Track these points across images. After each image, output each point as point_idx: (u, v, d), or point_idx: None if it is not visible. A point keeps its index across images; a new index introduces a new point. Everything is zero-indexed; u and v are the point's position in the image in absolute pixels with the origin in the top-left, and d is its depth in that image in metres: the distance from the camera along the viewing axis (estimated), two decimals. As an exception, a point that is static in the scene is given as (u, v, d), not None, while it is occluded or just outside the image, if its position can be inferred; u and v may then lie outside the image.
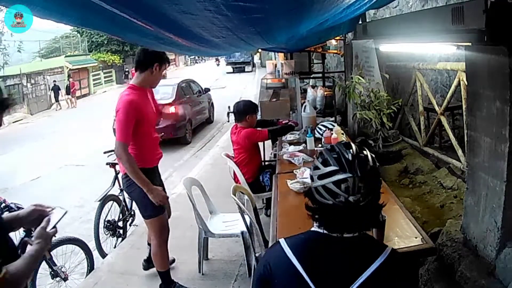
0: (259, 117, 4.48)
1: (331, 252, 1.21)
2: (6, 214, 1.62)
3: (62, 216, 1.75)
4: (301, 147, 3.91)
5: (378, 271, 1.16)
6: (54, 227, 1.61)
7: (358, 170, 1.16)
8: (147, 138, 2.87)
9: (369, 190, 1.17)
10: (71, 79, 19.88)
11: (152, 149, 2.93)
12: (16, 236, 2.95)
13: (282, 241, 1.25)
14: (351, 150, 1.22)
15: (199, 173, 6.19)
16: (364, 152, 1.24)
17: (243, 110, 3.91)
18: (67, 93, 18.85)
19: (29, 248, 1.47)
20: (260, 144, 4.24)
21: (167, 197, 2.90)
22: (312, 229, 1.28)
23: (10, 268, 1.31)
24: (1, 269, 1.27)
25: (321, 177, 1.20)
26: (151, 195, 2.70)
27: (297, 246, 1.22)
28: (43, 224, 1.56)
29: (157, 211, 2.83)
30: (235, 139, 3.94)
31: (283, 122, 4.28)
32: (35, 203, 1.67)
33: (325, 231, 1.22)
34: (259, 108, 4.17)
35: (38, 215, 1.62)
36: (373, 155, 1.26)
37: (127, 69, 27.19)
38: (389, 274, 1.18)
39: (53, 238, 1.62)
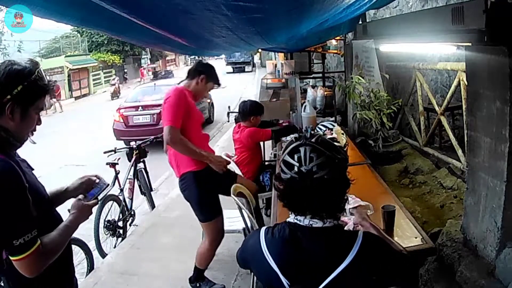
0: None
1: (304, 246, 1.23)
2: (51, 189, 1.65)
3: (104, 189, 1.73)
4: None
5: (354, 260, 1.18)
6: (96, 198, 1.64)
7: (309, 140, 1.23)
8: (195, 135, 2.83)
9: (324, 162, 1.20)
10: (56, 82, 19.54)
11: (202, 147, 2.85)
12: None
13: (262, 234, 1.30)
14: (312, 130, 1.31)
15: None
16: (326, 133, 1.34)
17: (249, 111, 3.90)
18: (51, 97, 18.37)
19: (65, 219, 1.51)
20: (261, 144, 4.23)
21: (228, 162, 3.02)
22: (288, 219, 1.31)
23: (44, 240, 1.35)
24: (36, 240, 1.32)
25: (283, 152, 1.28)
26: (213, 165, 2.77)
27: (271, 239, 1.27)
28: (80, 196, 1.60)
29: (214, 214, 2.87)
30: (238, 138, 3.94)
31: (283, 123, 4.28)
32: (82, 176, 1.71)
33: (296, 220, 1.26)
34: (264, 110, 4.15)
35: (85, 188, 1.65)
36: (335, 137, 1.36)
37: (125, 70, 27.19)
38: (367, 259, 1.20)
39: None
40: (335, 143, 1.31)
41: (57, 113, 16.88)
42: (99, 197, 1.67)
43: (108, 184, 1.79)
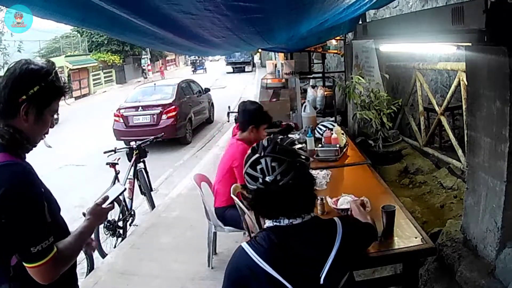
0: None
1: (292, 244, 1.26)
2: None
3: (120, 193, 1.75)
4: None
5: (342, 244, 1.27)
6: (111, 203, 1.61)
7: (268, 151, 1.26)
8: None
9: (287, 169, 1.24)
10: None
11: None
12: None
13: (245, 247, 1.29)
14: (270, 139, 1.32)
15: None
16: (284, 139, 1.34)
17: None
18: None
19: (80, 224, 1.47)
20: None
21: None
22: (266, 226, 1.33)
23: (59, 246, 1.32)
24: (52, 247, 1.28)
25: (244, 165, 1.31)
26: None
27: (260, 249, 1.26)
28: (98, 200, 1.56)
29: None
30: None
31: (285, 124, 4.24)
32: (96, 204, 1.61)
33: (275, 223, 1.29)
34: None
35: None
36: (294, 141, 1.36)
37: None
38: (352, 241, 1.32)
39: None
40: (294, 146, 1.33)
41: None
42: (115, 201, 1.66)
43: (125, 189, 1.73)
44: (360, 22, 4.66)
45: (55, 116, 1.47)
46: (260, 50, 17.59)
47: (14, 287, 1.36)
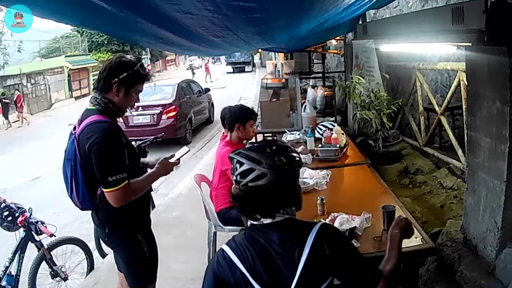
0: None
1: (264, 244, 1.24)
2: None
3: (185, 153, 2.21)
4: (299, 149, 3.90)
5: (313, 249, 1.21)
6: (178, 160, 2.15)
7: (267, 166, 1.26)
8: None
9: (258, 176, 1.25)
10: (17, 92, 15.85)
11: None
12: (16, 236, 2.96)
13: (224, 247, 1.28)
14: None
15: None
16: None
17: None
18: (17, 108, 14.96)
19: (150, 171, 2.07)
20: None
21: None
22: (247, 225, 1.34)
23: (131, 181, 1.86)
24: (125, 179, 1.81)
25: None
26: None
27: (237, 249, 1.26)
28: (167, 155, 2.13)
29: None
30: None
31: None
32: (160, 157, 2.18)
33: (251, 222, 1.29)
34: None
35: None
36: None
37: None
38: (326, 248, 1.22)
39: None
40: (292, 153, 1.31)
41: (20, 128, 14.37)
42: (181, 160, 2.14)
43: (189, 150, 2.28)
44: (360, 22, 4.66)
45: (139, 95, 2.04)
46: (260, 50, 17.59)
47: (98, 212, 1.99)
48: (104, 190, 1.81)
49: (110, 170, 1.78)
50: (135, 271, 2.12)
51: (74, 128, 1.95)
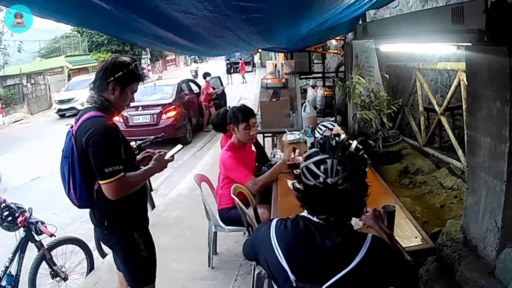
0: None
1: (317, 240, 1.25)
2: None
3: (179, 150, 2.28)
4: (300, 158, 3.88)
5: (362, 262, 1.20)
6: (172, 156, 2.20)
7: (337, 153, 1.23)
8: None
9: (349, 175, 1.22)
10: None
11: None
12: (16, 236, 2.96)
13: (273, 225, 1.34)
14: (337, 138, 1.28)
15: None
16: (351, 141, 1.30)
17: (223, 119, 3.25)
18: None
19: (146, 166, 2.10)
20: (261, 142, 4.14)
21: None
22: (302, 214, 1.34)
23: (127, 174, 1.91)
24: (121, 171, 1.86)
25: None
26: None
27: (282, 233, 1.30)
28: (162, 152, 2.20)
29: None
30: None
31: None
32: (145, 151, 2.33)
33: (309, 216, 1.30)
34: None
35: (148, 160, 2.20)
36: (360, 147, 1.31)
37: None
38: (373, 262, 1.22)
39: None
40: (359, 151, 1.31)
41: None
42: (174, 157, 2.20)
43: (183, 146, 2.35)
44: (360, 22, 4.66)
45: (134, 95, 2.07)
46: (260, 50, 17.60)
47: (96, 211, 2.05)
48: (100, 182, 1.86)
49: (106, 161, 1.83)
50: (132, 270, 2.16)
51: (71, 127, 1.99)
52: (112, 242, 2.13)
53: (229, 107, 3.43)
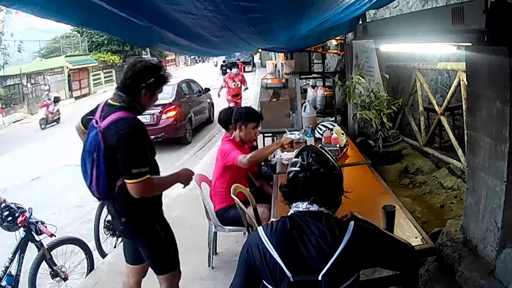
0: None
1: (303, 230, 1.35)
2: None
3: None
4: (293, 154, 3.88)
5: (347, 246, 1.31)
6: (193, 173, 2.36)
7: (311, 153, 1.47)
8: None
9: (322, 160, 1.44)
10: None
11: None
12: (16, 236, 2.96)
13: (259, 229, 1.43)
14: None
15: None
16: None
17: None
18: None
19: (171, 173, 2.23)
20: (260, 144, 4.17)
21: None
22: (287, 214, 1.44)
23: (152, 176, 1.99)
24: (147, 173, 1.94)
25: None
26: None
27: (272, 231, 1.39)
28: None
29: None
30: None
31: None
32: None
33: (295, 209, 1.42)
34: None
35: None
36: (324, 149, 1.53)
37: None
38: (358, 246, 1.33)
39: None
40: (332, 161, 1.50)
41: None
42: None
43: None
44: (360, 22, 4.66)
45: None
46: (260, 50, 17.59)
47: (115, 204, 2.13)
48: (127, 181, 1.93)
49: (135, 162, 1.91)
50: (158, 259, 2.27)
51: (96, 122, 2.02)
52: (133, 234, 2.20)
53: (229, 109, 3.57)
